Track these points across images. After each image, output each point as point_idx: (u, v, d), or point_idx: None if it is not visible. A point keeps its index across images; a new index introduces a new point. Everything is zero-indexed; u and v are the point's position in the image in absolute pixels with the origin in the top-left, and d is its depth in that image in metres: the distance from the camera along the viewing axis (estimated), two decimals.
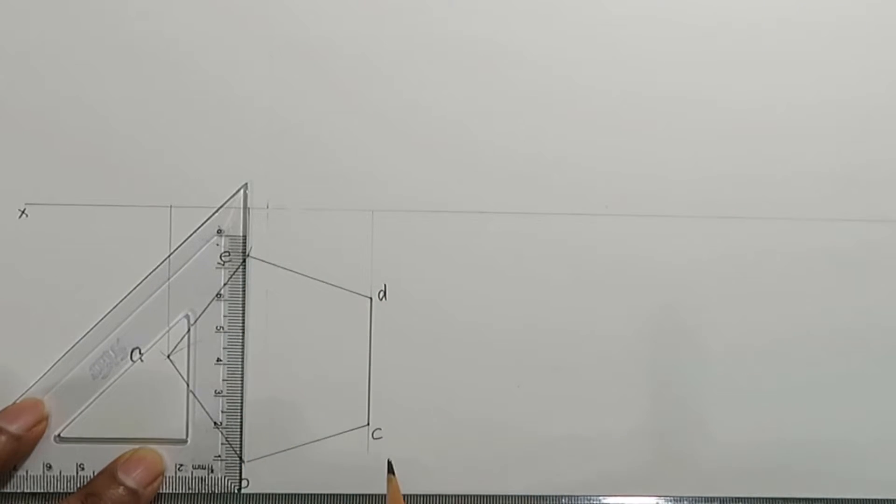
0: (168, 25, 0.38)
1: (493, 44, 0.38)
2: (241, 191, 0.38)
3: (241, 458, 0.37)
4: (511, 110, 0.38)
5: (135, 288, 0.37)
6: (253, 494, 0.38)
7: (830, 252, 0.39)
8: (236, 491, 0.38)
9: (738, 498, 0.39)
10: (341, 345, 0.38)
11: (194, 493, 0.37)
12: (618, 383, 0.38)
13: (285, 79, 0.38)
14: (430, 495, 0.38)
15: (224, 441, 0.38)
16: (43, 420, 0.36)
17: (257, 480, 0.38)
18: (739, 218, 0.39)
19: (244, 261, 0.38)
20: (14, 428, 0.35)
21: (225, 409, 0.38)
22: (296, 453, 0.38)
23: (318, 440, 0.38)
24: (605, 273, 0.38)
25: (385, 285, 0.38)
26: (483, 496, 0.38)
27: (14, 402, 0.37)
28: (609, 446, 0.38)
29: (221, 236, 0.38)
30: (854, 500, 0.39)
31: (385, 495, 0.38)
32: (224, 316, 0.38)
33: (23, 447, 0.36)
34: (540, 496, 0.38)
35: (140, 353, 0.37)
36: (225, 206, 0.38)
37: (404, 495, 0.38)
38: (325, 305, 0.38)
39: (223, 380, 0.38)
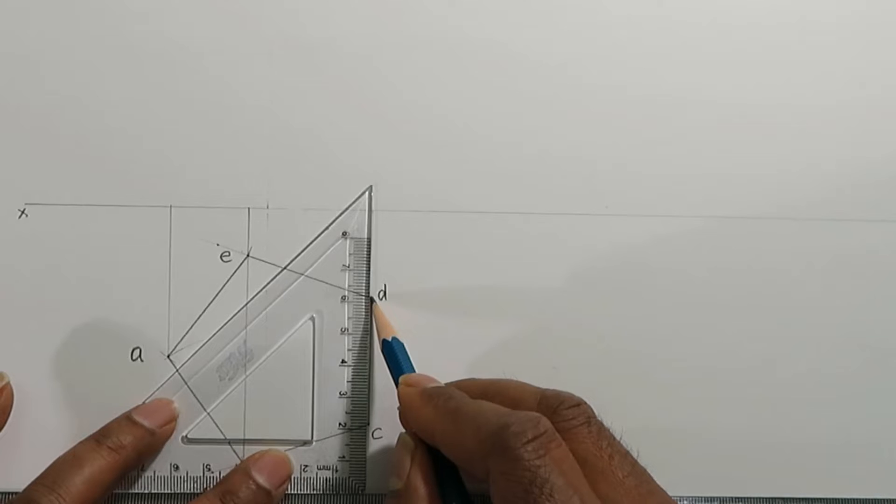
0: (168, 25, 0.38)
1: (493, 44, 0.38)
2: (367, 193, 0.38)
3: (366, 459, 0.38)
4: (511, 110, 0.38)
5: (260, 291, 0.38)
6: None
7: (830, 252, 0.39)
8: (361, 491, 0.38)
9: (738, 498, 0.39)
10: (341, 345, 0.38)
11: (319, 494, 0.38)
12: (617, 383, 0.38)
13: (285, 79, 0.38)
14: None
15: (349, 442, 0.38)
16: (173, 419, 0.37)
17: None
18: (739, 218, 0.39)
19: (368, 263, 0.38)
20: (148, 423, 0.36)
21: (349, 411, 0.38)
22: (296, 453, 0.38)
23: (318, 440, 0.38)
24: (605, 273, 0.38)
25: (385, 285, 0.38)
26: (483, 496, 0.38)
27: (146, 402, 0.37)
28: None
29: (346, 239, 0.38)
30: (854, 499, 0.39)
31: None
32: (349, 318, 0.38)
33: (155, 443, 0.37)
34: None
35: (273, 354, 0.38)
36: (350, 208, 0.38)
37: None
38: (325, 305, 0.38)
39: (347, 381, 0.38)
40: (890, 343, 0.39)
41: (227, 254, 0.38)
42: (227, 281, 0.38)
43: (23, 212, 0.37)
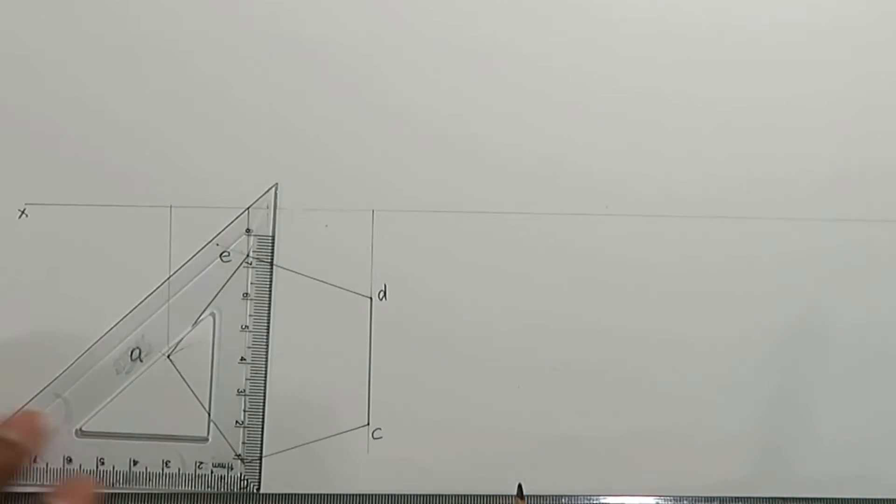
0: (168, 25, 0.38)
1: (494, 43, 0.38)
2: (273, 190, 0.38)
3: (261, 457, 0.38)
4: (511, 110, 0.38)
5: (161, 285, 0.37)
6: (254, 494, 0.38)
7: (830, 252, 0.39)
8: (255, 490, 0.38)
9: (738, 498, 0.39)
10: (341, 345, 0.38)
11: (213, 492, 0.38)
12: (617, 383, 0.38)
13: (285, 79, 0.38)
14: (430, 495, 0.38)
15: (245, 440, 0.38)
16: (42, 427, 0.36)
17: (258, 481, 0.38)
18: (739, 218, 0.39)
19: (272, 261, 0.38)
20: (14, 436, 0.35)
21: (247, 408, 0.38)
22: (296, 453, 0.38)
23: (318, 440, 0.38)
24: (605, 273, 0.38)
25: (385, 285, 0.38)
26: (483, 496, 0.38)
27: (13, 414, 0.36)
28: (609, 446, 0.38)
29: (250, 236, 0.38)
30: (854, 499, 0.39)
31: (389, 496, 0.38)
32: (249, 315, 0.38)
33: (17, 459, 0.35)
34: (540, 496, 0.38)
35: (171, 350, 0.37)
36: (254, 205, 0.38)
37: (403, 496, 0.38)
38: (325, 305, 0.38)
39: (246, 378, 0.38)
40: (890, 343, 0.39)
41: (226, 254, 0.38)
42: (227, 281, 0.38)
43: (23, 212, 0.37)
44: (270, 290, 0.38)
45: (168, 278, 0.37)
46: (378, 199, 0.38)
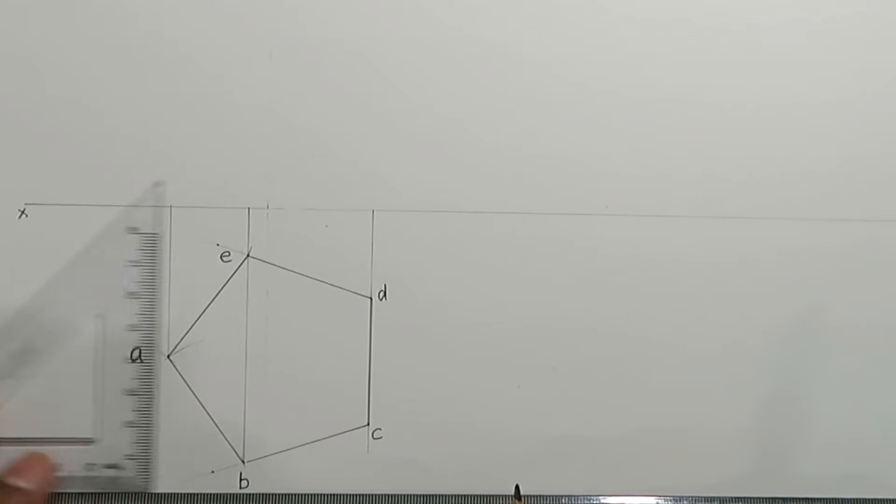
0: (168, 25, 0.38)
1: (494, 43, 0.38)
2: (155, 189, 0.37)
3: (153, 457, 0.37)
4: (511, 110, 0.38)
5: (44, 287, 0.37)
6: (253, 494, 0.38)
7: (831, 252, 0.39)
8: (146, 489, 0.37)
9: (738, 498, 0.39)
10: (341, 345, 0.38)
11: (105, 493, 0.37)
12: (617, 383, 0.38)
13: (285, 79, 0.38)
14: (430, 495, 0.38)
15: (135, 440, 0.37)
16: (52, 471, 0.36)
17: (258, 481, 0.38)
18: (739, 218, 0.39)
19: (159, 259, 0.37)
20: (25, 484, 0.35)
21: (136, 408, 0.37)
22: (296, 453, 0.38)
23: (318, 440, 0.38)
24: (605, 273, 0.38)
25: (385, 285, 0.38)
26: (483, 496, 0.38)
27: (20, 459, 0.36)
28: (609, 446, 0.38)
29: (134, 234, 0.37)
30: (854, 499, 0.39)
31: (389, 496, 0.38)
32: (136, 314, 0.37)
33: (34, 501, 0.35)
34: (540, 496, 0.38)
35: (58, 351, 0.37)
36: (138, 203, 0.37)
37: (403, 496, 0.38)
38: (325, 305, 0.38)
39: (134, 378, 0.37)
40: (891, 343, 0.39)
41: (227, 254, 0.38)
42: (228, 281, 0.38)
43: (23, 212, 0.37)
44: (158, 289, 0.37)
45: (49, 282, 0.37)
46: (378, 199, 0.38)
